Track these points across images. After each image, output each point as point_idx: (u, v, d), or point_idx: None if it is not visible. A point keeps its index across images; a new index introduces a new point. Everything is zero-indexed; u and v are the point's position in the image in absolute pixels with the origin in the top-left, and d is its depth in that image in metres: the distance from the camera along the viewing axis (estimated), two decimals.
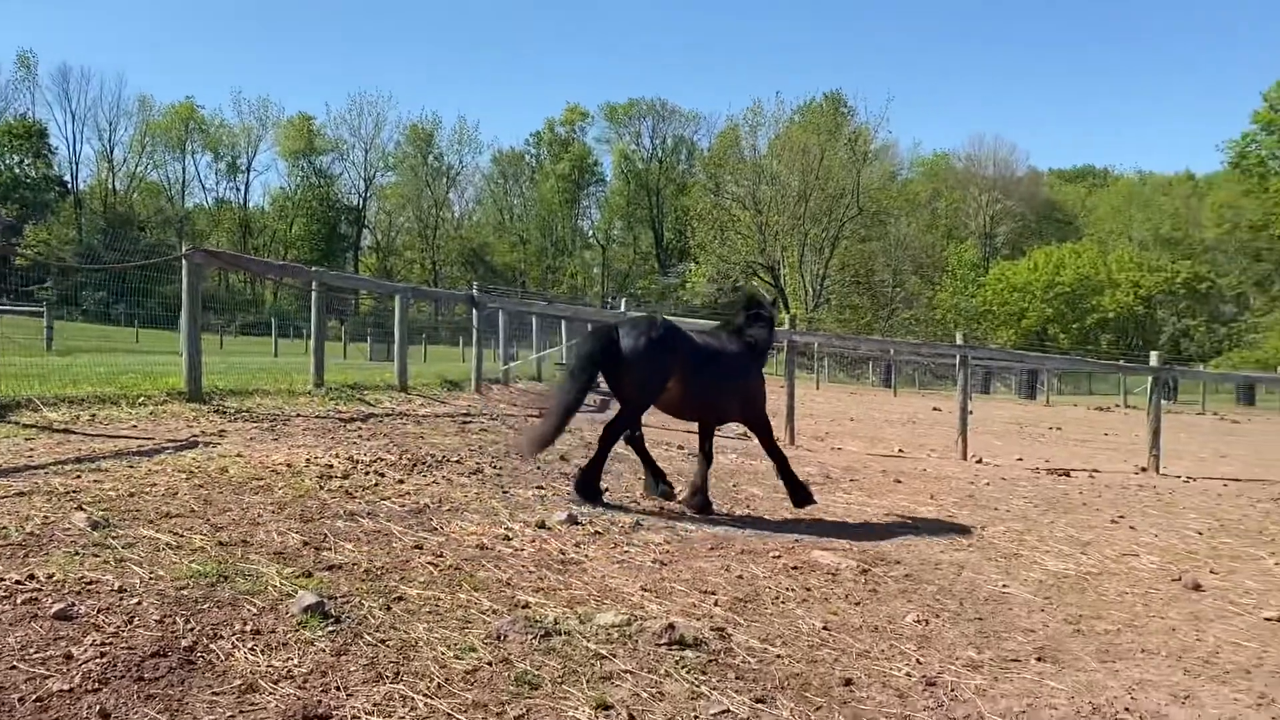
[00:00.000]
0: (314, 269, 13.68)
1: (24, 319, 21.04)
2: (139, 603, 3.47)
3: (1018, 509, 8.33)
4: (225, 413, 8.42)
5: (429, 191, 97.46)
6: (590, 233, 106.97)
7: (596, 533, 5.63)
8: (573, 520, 5.76)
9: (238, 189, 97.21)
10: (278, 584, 3.86)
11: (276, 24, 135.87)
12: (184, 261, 9.04)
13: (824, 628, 4.27)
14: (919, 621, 4.52)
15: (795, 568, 5.33)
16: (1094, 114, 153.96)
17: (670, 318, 7.57)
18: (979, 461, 12.31)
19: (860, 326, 68.23)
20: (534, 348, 19.53)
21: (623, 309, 14.45)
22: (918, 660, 3.97)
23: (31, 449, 6.10)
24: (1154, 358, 13.41)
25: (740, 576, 5.02)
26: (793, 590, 4.86)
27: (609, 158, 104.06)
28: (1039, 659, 4.14)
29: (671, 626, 3.78)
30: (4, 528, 4.16)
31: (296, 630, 3.43)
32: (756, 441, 7.45)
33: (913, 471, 10.53)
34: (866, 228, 72.53)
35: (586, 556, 5.06)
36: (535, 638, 3.61)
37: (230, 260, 14.38)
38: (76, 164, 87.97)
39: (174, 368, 9.97)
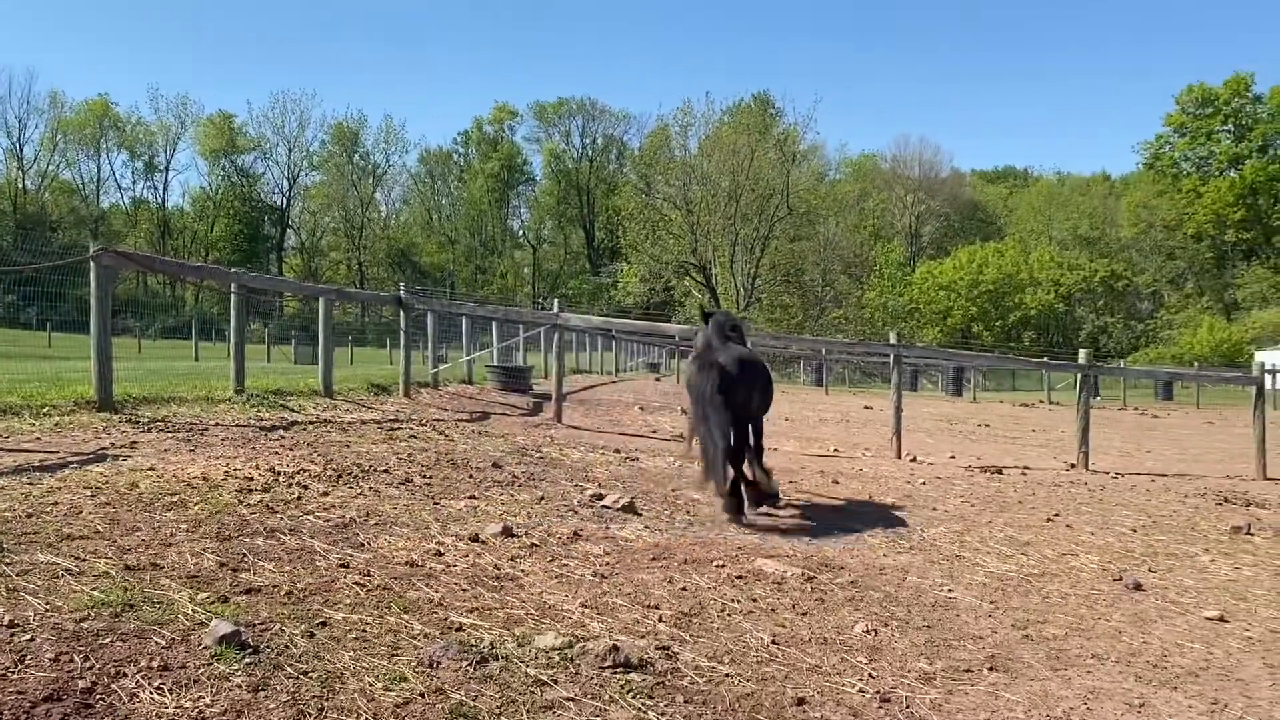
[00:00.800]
0: (233, 270, 13.15)
1: None
2: (32, 639, 3.16)
3: (955, 508, 8.30)
4: (138, 422, 7.99)
5: (355, 191, 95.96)
6: (520, 232, 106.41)
7: (533, 545, 5.40)
8: (508, 532, 5.52)
9: (155, 188, 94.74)
10: (190, 612, 3.57)
11: (194, 20, 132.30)
12: (92, 263, 8.57)
13: (772, 641, 4.11)
14: (868, 631, 4.39)
15: (740, 577, 5.17)
16: (1014, 116, 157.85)
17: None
18: (914, 460, 12.33)
19: (791, 326, 68.87)
20: (464, 349, 19.14)
21: (555, 309, 14.17)
22: (870, 675, 3.83)
23: None
24: (1082, 356, 13.54)
25: (684, 589, 4.84)
26: (738, 602, 4.70)
27: (539, 157, 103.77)
28: (991, 668, 4.03)
29: (615, 648, 3.58)
30: None
31: (210, 664, 3.15)
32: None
33: (850, 471, 10.47)
34: (796, 227, 73.21)
35: (523, 571, 4.83)
36: (470, 664, 3.38)
37: (143, 262, 13.72)
38: None
39: (86, 374, 9.45)
